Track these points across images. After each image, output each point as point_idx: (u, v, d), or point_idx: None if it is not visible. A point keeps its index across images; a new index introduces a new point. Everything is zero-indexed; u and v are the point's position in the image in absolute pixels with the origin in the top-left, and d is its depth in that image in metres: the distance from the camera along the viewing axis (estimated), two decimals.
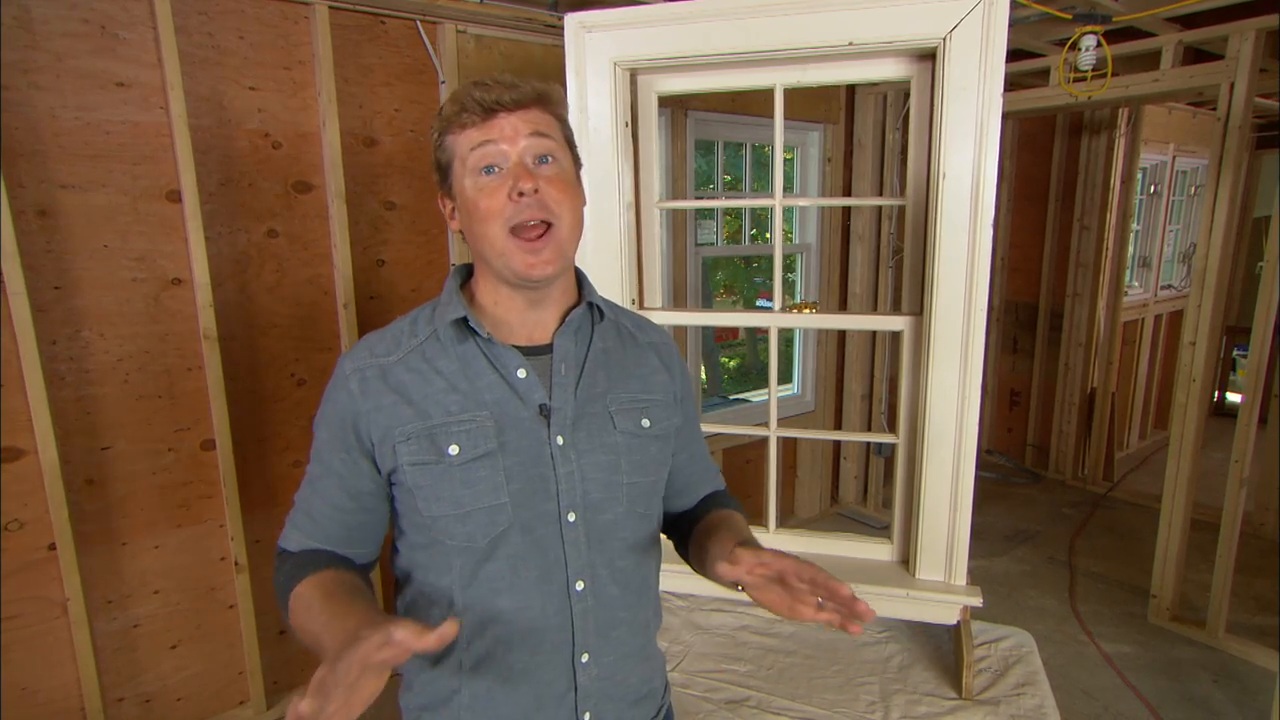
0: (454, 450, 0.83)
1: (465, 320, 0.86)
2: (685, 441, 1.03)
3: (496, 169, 0.82)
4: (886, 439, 1.52)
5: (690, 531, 1.01)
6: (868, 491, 3.90)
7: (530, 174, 0.81)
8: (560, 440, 0.86)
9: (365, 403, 0.84)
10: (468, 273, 0.93)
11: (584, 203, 0.88)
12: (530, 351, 0.88)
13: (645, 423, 0.93)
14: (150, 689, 2.04)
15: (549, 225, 0.82)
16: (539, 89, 0.83)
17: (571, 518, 0.86)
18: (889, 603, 1.45)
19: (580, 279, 0.95)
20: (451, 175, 0.85)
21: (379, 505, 0.89)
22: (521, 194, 0.80)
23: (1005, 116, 3.80)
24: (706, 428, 3.36)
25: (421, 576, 0.88)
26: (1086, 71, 2.62)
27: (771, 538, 1.59)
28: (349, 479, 0.87)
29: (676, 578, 1.62)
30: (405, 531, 0.89)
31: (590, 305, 0.92)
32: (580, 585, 0.87)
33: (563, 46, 1.43)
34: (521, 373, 0.86)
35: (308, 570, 0.85)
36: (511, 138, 0.81)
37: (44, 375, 1.75)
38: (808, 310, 1.77)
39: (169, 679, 2.07)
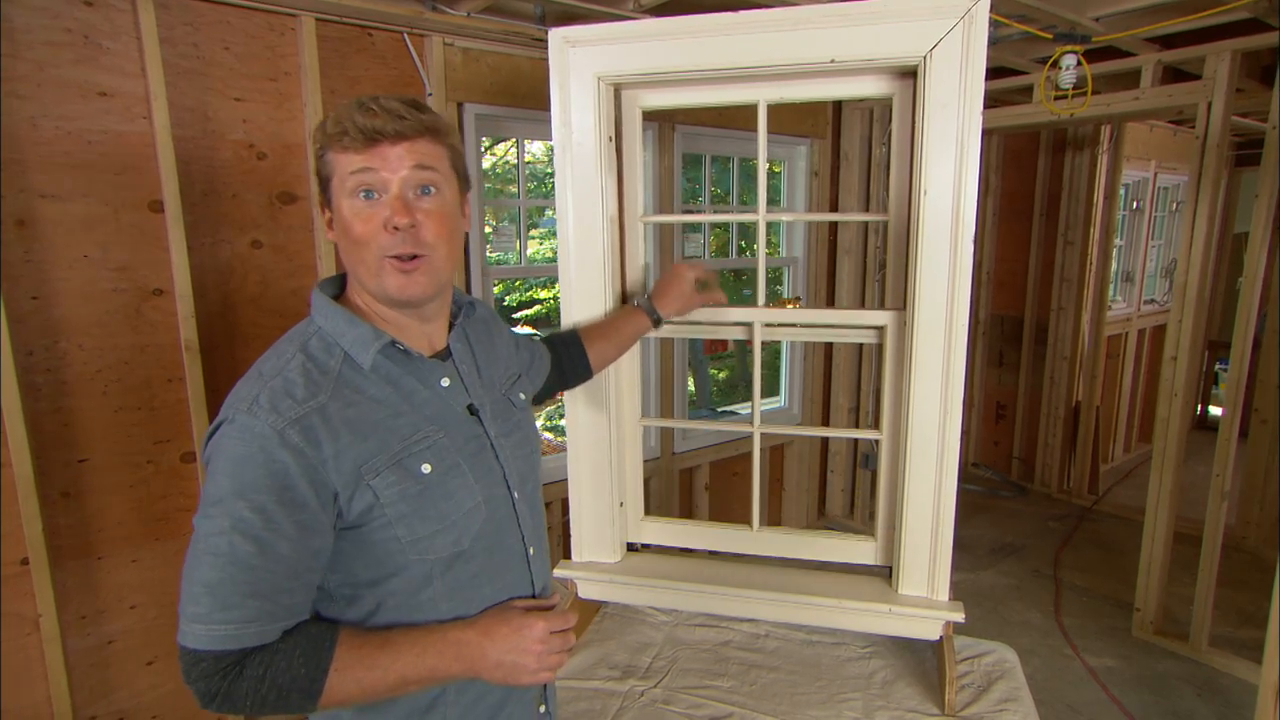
0: (427, 469, 0.85)
1: (393, 343, 0.86)
2: (541, 357, 1.26)
3: (376, 194, 0.82)
4: (870, 435, 1.53)
5: (576, 352, 1.36)
6: (854, 504, 3.91)
7: (408, 208, 0.82)
8: (494, 432, 0.95)
9: (317, 452, 0.77)
10: (336, 289, 0.92)
11: (467, 229, 0.93)
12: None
13: (522, 396, 1.07)
14: (124, 706, 2.00)
15: (422, 256, 0.84)
16: (425, 123, 0.83)
17: (516, 495, 0.96)
18: (872, 618, 1.45)
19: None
20: (330, 190, 0.84)
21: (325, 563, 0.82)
22: (397, 228, 0.81)
23: (990, 133, 3.83)
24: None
25: (393, 606, 0.85)
26: (1068, 89, 2.66)
27: (755, 535, 1.59)
28: (310, 537, 0.78)
29: (664, 593, 1.62)
30: (368, 573, 0.84)
31: (460, 307, 0.99)
32: (531, 550, 0.98)
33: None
34: (446, 382, 0.91)
35: (323, 640, 0.79)
36: (394, 167, 0.81)
37: (19, 386, 1.72)
38: (792, 305, 1.77)
39: (144, 696, 2.03)
